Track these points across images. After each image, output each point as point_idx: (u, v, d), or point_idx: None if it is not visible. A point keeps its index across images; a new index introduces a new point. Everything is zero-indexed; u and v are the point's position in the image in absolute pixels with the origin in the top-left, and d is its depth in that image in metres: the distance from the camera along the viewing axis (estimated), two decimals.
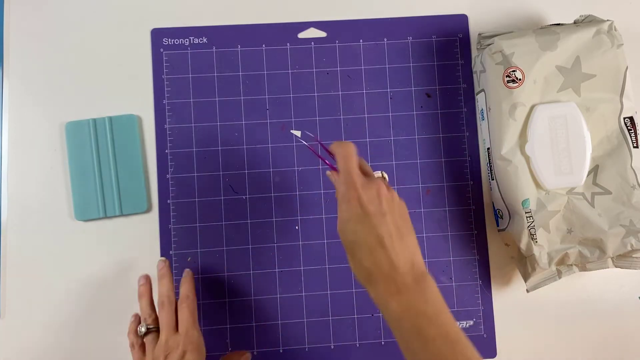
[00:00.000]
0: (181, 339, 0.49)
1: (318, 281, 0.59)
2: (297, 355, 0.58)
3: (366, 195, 0.44)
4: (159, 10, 0.62)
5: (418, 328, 0.41)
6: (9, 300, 0.57)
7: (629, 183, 0.54)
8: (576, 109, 0.54)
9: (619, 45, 0.55)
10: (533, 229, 0.54)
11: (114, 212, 0.58)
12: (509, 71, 0.55)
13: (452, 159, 0.61)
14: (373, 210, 0.43)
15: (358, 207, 0.43)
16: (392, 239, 0.43)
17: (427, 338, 0.40)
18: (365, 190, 0.44)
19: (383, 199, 0.44)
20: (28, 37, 0.61)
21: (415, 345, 0.41)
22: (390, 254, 0.42)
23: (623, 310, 0.61)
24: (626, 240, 0.53)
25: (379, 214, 0.43)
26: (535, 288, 0.56)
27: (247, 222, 0.59)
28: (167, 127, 0.60)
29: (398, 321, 0.42)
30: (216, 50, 0.61)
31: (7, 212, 0.58)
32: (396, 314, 0.41)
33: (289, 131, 0.60)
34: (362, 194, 0.43)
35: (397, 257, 0.43)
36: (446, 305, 0.43)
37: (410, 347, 0.41)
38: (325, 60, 0.61)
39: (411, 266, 0.43)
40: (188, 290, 0.53)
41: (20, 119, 0.60)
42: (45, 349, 0.57)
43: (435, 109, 0.62)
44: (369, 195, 0.44)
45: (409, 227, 0.46)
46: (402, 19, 0.62)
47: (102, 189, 0.58)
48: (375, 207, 0.43)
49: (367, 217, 0.43)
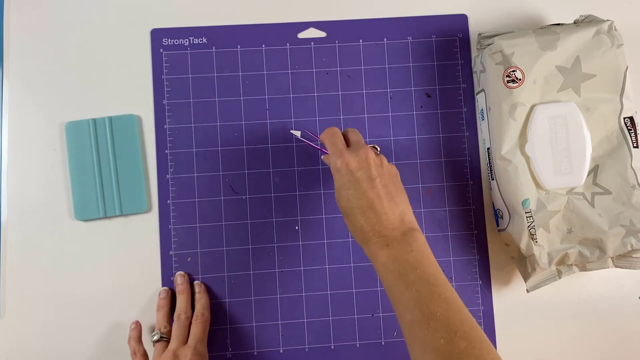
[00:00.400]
0: (189, 351, 0.51)
1: (318, 281, 0.59)
2: (297, 355, 0.58)
3: (354, 162, 0.47)
4: (158, 10, 0.62)
5: (400, 273, 0.43)
6: (9, 300, 0.57)
7: (629, 183, 0.54)
8: (576, 109, 0.54)
9: (619, 45, 0.55)
10: (533, 229, 0.54)
11: (114, 212, 0.58)
12: (509, 71, 0.55)
13: (452, 159, 0.61)
14: (362, 176, 0.47)
15: (348, 174, 0.47)
16: (381, 200, 0.46)
17: (408, 282, 0.43)
18: (353, 157, 0.48)
19: (372, 164, 0.48)
20: (28, 37, 0.61)
21: (397, 289, 0.43)
22: (380, 214, 0.46)
23: (623, 310, 0.61)
24: (626, 240, 0.53)
25: (368, 178, 0.47)
26: (535, 288, 0.56)
27: (247, 222, 0.59)
28: (167, 127, 0.60)
29: (385, 269, 0.44)
30: (216, 50, 0.61)
31: (7, 212, 0.58)
32: (383, 263, 0.44)
33: (289, 131, 0.60)
34: (350, 161, 0.47)
35: (387, 216, 0.46)
36: (432, 256, 0.45)
37: (393, 291, 0.44)
38: (325, 60, 0.61)
39: (400, 222, 0.46)
40: (204, 308, 0.56)
41: (20, 119, 0.60)
42: (45, 349, 0.57)
43: (435, 109, 0.62)
44: (358, 161, 0.47)
45: (399, 188, 0.49)
46: (402, 19, 0.62)
47: (102, 188, 0.58)
48: (363, 172, 0.47)
49: (357, 183, 0.47)
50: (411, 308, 0.42)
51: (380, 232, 0.46)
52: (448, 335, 0.40)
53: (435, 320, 0.41)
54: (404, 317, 0.43)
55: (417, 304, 0.42)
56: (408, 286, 0.43)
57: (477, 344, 0.40)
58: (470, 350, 0.39)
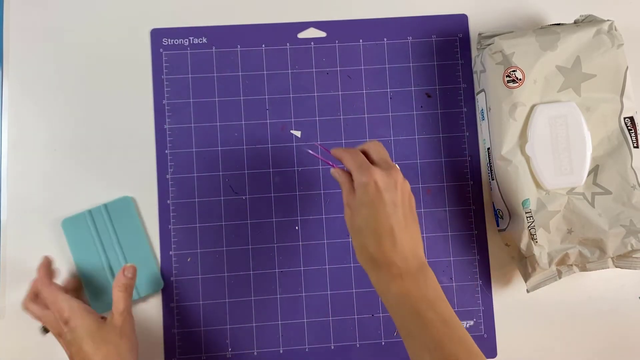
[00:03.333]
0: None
1: (318, 281, 0.59)
2: (297, 355, 0.58)
3: (384, 181, 0.44)
4: (158, 10, 0.62)
5: (417, 311, 0.42)
6: (9, 301, 0.57)
7: (629, 183, 0.54)
8: (576, 109, 0.54)
9: (619, 45, 0.55)
10: (533, 229, 0.54)
11: (132, 298, 0.56)
12: (509, 71, 0.55)
13: (452, 159, 0.61)
14: (388, 199, 0.44)
15: (375, 193, 0.44)
16: (400, 229, 0.44)
17: (426, 320, 0.42)
18: (384, 176, 0.45)
19: (399, 189, 0.45)
20: (28, 37, 0.61)
21: (413, 327, 0.42)
22: (396, 242, 0.44)
23: (623, 310, 0.60)
24: (626, 240, 0.53)
25: (393, 204, 0.44)
26: (535, 288, 0.56)
27: (247, 222, 0.59)
28: (167, 127, 0.60)
29: (398, 304, 0.43)
30: (216, 50, 0.61)
31: (7, 212, 0.58)
32: (396, 297, 0.43)
33: (289, 131, 0.60)
34: (379, 179, 0.44)
35: (402, 246, 0.44)
36: (444, 296, 0.44)
37: (409, 329, 0.42)
38: (325, 60, 0.61)
39: (414, 255, 0.45)
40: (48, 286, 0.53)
41: (20, 119, 0.60)
42: (45, 349, 0.57)
43: (435, 109, 0.62)
44: (387, 181, 0.45)
45: (415, 219, 0.47)
46: (402, 19, 0.62)
47: (115, 277, 0.55)
48: (391, 194, 0.44)
49: (381, 204, 0.44)
50: (432, 349, 0.41)
51: (394, 261, 0.44)
52: None
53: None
54: (420, 355, 0.42)
55: (439, 345, 0.41)
56: (427, 325, 0.42)
57: None
58: None
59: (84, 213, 0.58)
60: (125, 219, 0.58)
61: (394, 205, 0.44)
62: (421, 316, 0.42)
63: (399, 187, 0.45)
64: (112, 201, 0.58)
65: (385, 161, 0.47)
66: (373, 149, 0.48)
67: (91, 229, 0.57)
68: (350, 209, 0.46)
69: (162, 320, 0.58)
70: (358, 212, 0.45)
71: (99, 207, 0.58)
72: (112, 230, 0.58)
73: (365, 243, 0.45)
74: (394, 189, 0.45)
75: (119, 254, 0.57)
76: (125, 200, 0.58)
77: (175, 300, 0.58)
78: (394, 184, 0.45)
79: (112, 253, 0.57)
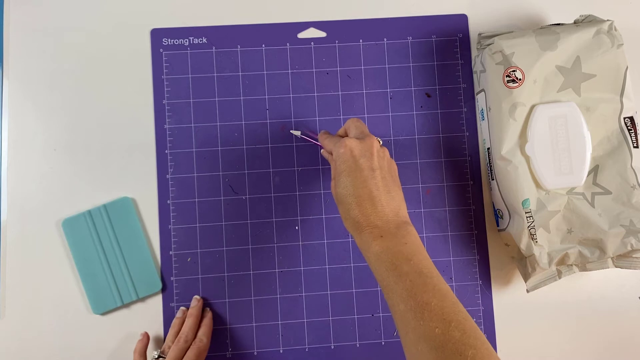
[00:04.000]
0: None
1: (318, 281, 0.59)
2: (297, 355, 0.58)
3: (359, 149, 0.47)
4: (158, 10, 0.62)
5: (394, 264, 0.43)
6: (9, 300, 0.57)
7: (629, 183, 0.54)
8: (576, 109, 0.54)
9: (619, 45, 0.55)
10: (533, 229, 0.54)
11: (130, 298, 0.57)
12: (509, 71, 0.55)
13: (452, 159, 0.61)
14: (364, 164, 0.47)
15: (351, 160, 0.47)
16: (379, 191, 0.46)
17: (402, 272, 0.43)
18: (358, 144, 0.48)
19: (375, 154, 0.48)
20: (28, 38, 0.61)
21: (391, 279, 0.43)
22: (376, 205, 0.46)
23: (623, 310, 0.61)
24: (626, 240, 0.53)
25: (370, 168, 0.47)
26: (535, 288, 0.56)
27: (247, 222, 0.59)
28: (167, 127, 0.60)
29: (377, 260, 0.44)
30: (216, 50, 0.61)
31: (7, 212, 0.58)
32: (376, 254, 0.44)
33: (289, 131, 0.60)
34: (354, 147, 0.47)
35: (383, 208, 0.46)
36: (424, 250, 0.46)
37: (387, 281, 0.44)
38: (325, 60, 0.61)
39: (395, 215, 0.46)
40: (204, 335, 0.55)
41: (20, 119, 0.60)
42: (45, 349, 0.57)
43: (435, 109, 0.62)
44: (362, 148, 0.48)
45: (397, 183, 0.49)
46: (402, 19, 0.62)
47: (114, 277, 0.57)
48: (366, 160, 0.47)
49: (358, 170, 0.47)
50: (405, 298, 0.42)
51: (375, 223, 0.46)
52: (443, 325, 0.40)
53: (430, 310, 0.41)
54: (397, 307, 0.43)
55: (412, 294, 0.42)
56: (402, 277, 0.43)
57: (472, 333, 0.40)
58: (466, 340, 0.39)
59: (83, 213, 0.58)
60: (124, 220, 0.58)
61: (371, 170, 0.47)
62: (397, 270, 0.43)
63: (375, 152, 0.48)
64: (112, 202, 0.58)
65: (361, 132, 0.50)
66: (351, 126, 0.51)
67: (91, 230, 0.57)
68: (334, 180, 0.48)
69: (162, 320, 0.58)
70: (338, 181, 0.47)
71: (98, 208, 0.58)
72: (111, 231, 0.58)
73: (348, 209, 0.47)
74: (369, 155, 0.47)
75: (117, 254, 0.57)
76: (124, 201, 0.58)
77: (175, 300, 0.58)
78: (369, 150, 0.47)
79: (111, 253, 0.57)
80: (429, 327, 0.40)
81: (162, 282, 0.58)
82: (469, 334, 0.40)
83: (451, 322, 0.40)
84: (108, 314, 0.58)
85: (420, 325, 0.41)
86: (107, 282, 0.57)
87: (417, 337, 0.41)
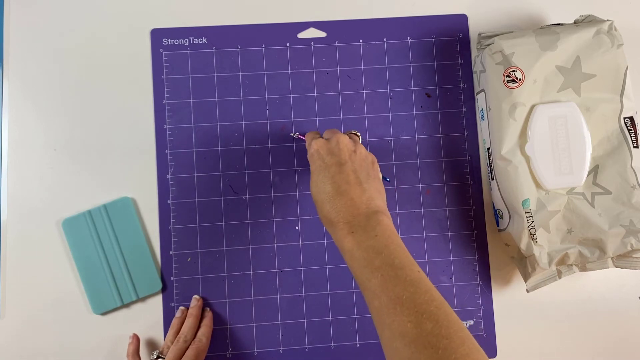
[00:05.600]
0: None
1: (318, 281, 0.59)
2: (297, 355, 0.58)
3: (325, 148, 0.48)
4: (158, 10, 0.62)
5: (366, 260, 0.43)
6: (9, 300, 0.57)
7: (629, 183, 0.54)
8: (576, 109, 0.54)
9: (619, 45, 0.55)
10: (533, 229, 0.54)
11: (130, 298, 0.57)
12: (509, 71, 0.55)
13: (452, 159, 0.61)
14: (331, 161, 0.47)
15: (319, 159, 0.48)
16: (349, 185, 0.46)
17: (373, 268, 0.42)
18: (324, 143, 0.49)
19: (343, 149, 0.48)
20: (28, 38, 0.61)
21: (364, 276, 0.43)
22: (346, 199, 0.46)
23: (623, 310, 0.61)
24: (626, 240, 0.53)
25: (337, 164, 0.47)
26: (535, 288, 0.56)
27: (247, 222, 0.59)
28: (167, 127, 0.60)
29: (351, 257, 0.44)
30: (216, 50, 0.61)
31: (7, 212, 0.58)
32: (349, 250, 0.44)
33: (290, 135, 0.60)
34: (321, 147, 0.48)
35: (353, 201, 0.46)
36: (397, 238, 0.45)
37: (361, 278, 0.43)
38: (325, 60, 0.61)
39: (366, 207, 0.46)
40: (204, 335, 0.55)
41: (20, 119, 0.60)
42: (45, 349, 0.57)
43: (435, 109, 0.62)
44: (328, 147, 0.48)
45: (371, 175, 0.49)
46: (402, 19, 0.62)
47: (113, 277, 0.57)
48: (332, 157, 0.48)
49: (326, 168, 0.47)
50: (378, 294, 0.41)
51: (346, 218, 0.45)
52: (415, 317, 0.39)
53: (402, 304, 0.40)
54: (372, 304, 0.42)
55: (384, 289, 0.41)
56: (373, 272, 0.42)
57: (445, 323, 0.39)
58: (438, 331, 0.38)
59: (83, 213, 0.58)
60: (124, 220, 0.58)
61: (339, 165, 0.47)
62: (369, 265, 0.42)
63: (344, 147, 0.48)
64: (112, 202, 0.58)
65: (331, 132, 0.51)
66: (325, 131, 0.52)
67: (91, 230, 0.57)
68: (311, 180, 0.49)
69: (162, 320, 0.58)
70: (311, 181, 0.48)
71: (98, 208, 0.58)
72: (111, 231, 0.58)
73: (320, 207, 0.47)
74: (337, 151, 0.48)
75: (117, 254, 0.57)
76: (124, 201, 0.58)
77: (175, 300, 0.58)
78: (336, 146, 0.48)
79: (111, 254, 0.57)
80: (402, 321, 0.39)
81: (162, 282, 0.58)
82: (442, 323, 0.39)
83: (423, 313, 0.39)
84: (108, 314, 0.58)
85: (393, 321, 0.40)
86: (107, 282, 0.57)
87: (392, 334, 0.40)
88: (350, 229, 0.45)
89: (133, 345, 0.55)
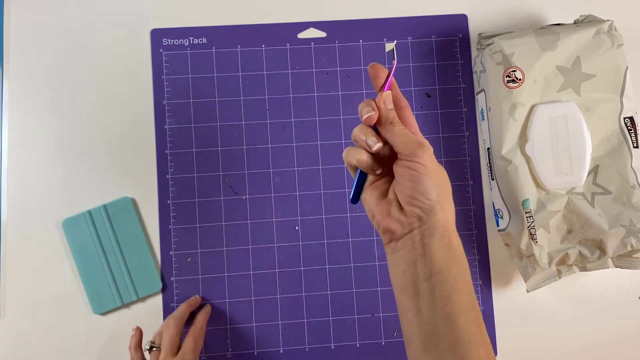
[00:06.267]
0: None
1: (318, 281, 0.59)
2: (297, 355, 0.58)
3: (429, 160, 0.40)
4: (158, 11, 0.62)
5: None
6: (9, 300, 0.58)
7: (629, 183, 0.54)
8: (576, 109, 0.54)
9: (619, 45, 0.55)
10: (533, 229, 0.54)
11: (130, 298, 0.57)
12: (509, 71, 0.55)
13: (452, 159, 0.61)
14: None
15: (440, 167, 0.41)
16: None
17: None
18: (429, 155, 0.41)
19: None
20: (28, 38, 0.61)
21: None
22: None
23: (623, 310, 0.60)
24: (626, 240, 0.53)
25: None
26: (535, 288, 0.56)
27: (247, 222, 0.59)
28: (167, 128, 0.60)
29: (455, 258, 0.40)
30: (216, 50, 0.61)
31: (7, 212, 0.58)
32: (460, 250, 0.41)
33: (385, 44, 0.59)
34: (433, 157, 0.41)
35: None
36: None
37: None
38: (325, 60, 0.61)
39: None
40: (201, 322, 0.56)
41: (20, 119, 0.60)
42: (45, 349, 0.57)
43: (435, 109, 0.62)
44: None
45: None
46: (402, 19, 0.62)
47: (113, 277, 0.57)
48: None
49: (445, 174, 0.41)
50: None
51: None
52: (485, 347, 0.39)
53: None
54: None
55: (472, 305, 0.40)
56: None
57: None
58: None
59: (83, 213, 0.58)
60: (124, 220, 0.58)
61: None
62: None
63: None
64: (112, 202, 0.58)
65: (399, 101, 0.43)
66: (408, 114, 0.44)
67: (91, 230, 0.57)
68: (429, 168, 0.41)
69: (162, 320, 0.58)
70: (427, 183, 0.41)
71: (98, 208, 0.58)
72: (111, 231, 0.58)
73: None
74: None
75: (117, 254, 0.57)
76: (124, 201, 0.58)
77: (175, 300, 0.58)
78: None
79: (111, 253, 0.57)
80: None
81: (162, 282, 0.58)
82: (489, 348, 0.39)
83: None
84: (108, 314, 0.58)
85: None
86: (107, 282, 0.57)
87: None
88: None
89: (136, 338, 0.55)
